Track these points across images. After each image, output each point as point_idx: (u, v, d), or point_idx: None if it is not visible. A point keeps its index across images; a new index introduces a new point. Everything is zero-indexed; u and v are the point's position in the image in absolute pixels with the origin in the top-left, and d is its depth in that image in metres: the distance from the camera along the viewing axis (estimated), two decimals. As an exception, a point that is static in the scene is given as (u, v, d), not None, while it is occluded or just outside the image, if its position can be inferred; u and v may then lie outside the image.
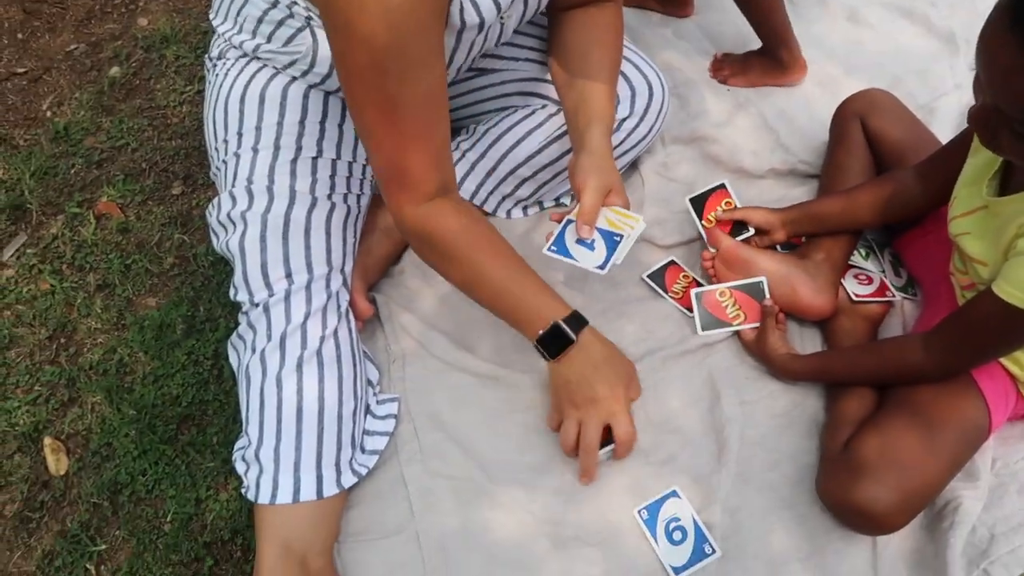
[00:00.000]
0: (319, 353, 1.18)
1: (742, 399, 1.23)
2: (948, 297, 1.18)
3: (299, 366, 1.16)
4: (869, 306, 1.28)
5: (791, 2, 1.78)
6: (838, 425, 1.13)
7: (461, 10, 1.08)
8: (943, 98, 1.57)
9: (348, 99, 1.05)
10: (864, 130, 1.34)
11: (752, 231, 1.32)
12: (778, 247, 1.36)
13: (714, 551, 1.11)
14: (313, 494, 1.13)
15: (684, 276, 1.38)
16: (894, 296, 1.29)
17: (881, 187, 1.24)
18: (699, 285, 1.36)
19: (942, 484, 1.05)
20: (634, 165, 1.52)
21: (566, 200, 1.50)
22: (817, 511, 1.12)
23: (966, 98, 1.57)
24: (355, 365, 1.22)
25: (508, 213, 1.49)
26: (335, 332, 1.20)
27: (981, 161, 1.04)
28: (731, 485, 1.15)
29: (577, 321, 1.14)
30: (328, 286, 1.22)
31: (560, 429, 1.17)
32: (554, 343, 1.13)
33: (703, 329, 1.29)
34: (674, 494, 1.16)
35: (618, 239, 1.18)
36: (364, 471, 1.20)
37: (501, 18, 1.16)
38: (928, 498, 1.04)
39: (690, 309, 1.33)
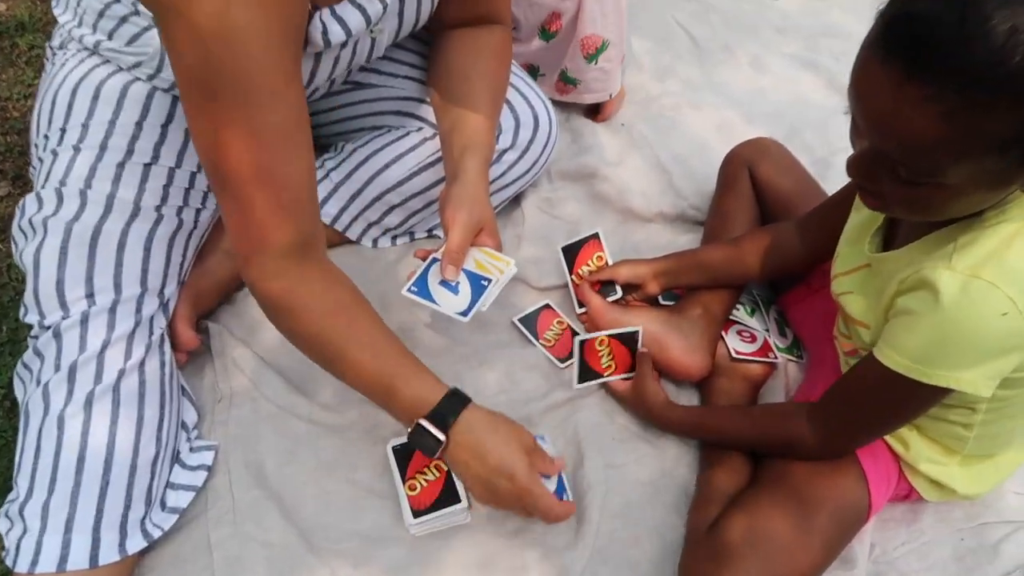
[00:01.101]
0: (116, 389, 0.99)
1: (608, 462, 1.10)
2: (833, 362, 1.09)
3: (88, 403, 0.98)
4: (750, 366, 1.17)
5: (696, 45, 1.73)
6: (706, 501, 1.01)
7: (324, 31, 0.95)
8: (840, 154, 1.50)
9: (191, 131, 0.89)
10: (752, 179, 1.26)
11: (619, 292, 1.21)
12: (660, 299, 1.25)
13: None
14: (85, 561, 0.94)
15: (559, 322, 1.26)
16: (776, 357, 1.19)
17: (764, 238, 1.15)
18: (574, 333, 1.23)
19: (815, 573, 0.93)
20: (516, 199, 1.40)
21: (439, 233, 1.36)
22: (679, 597, 0.99)
23: (864, 154, 1.51)
24: (164, 405, 1.04)
25: (375, 242, 1.34)
26: (141, 364, 1.02)
27: (864, 217, 0.95)
28: (587, 563, 1.01)
29: (444, 413, 0.94)
30: (139, 310, 1.04)
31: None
32: (424, 446, 0.94)
33: (580, 381, 1.16)
34: (541, 439, 1.03)
35: (485, 283, 1.05)
36: (158, 533, 1.01)
37: (371, 32, 1.04)
38: (799, 588, 0.92)
39: (561, 358, 1.21)
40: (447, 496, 1.04)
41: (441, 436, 0.93)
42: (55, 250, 1.02)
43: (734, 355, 1.16)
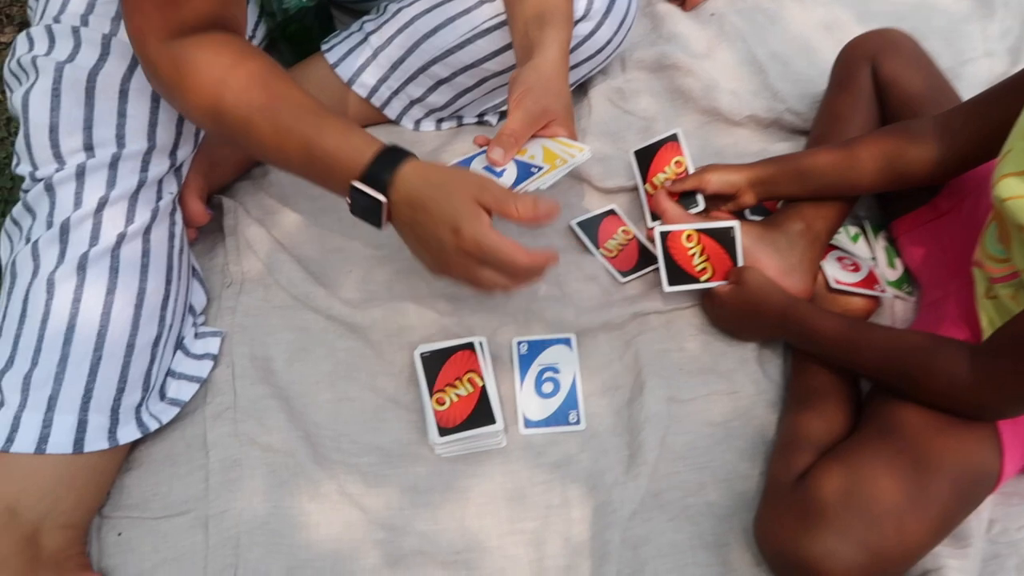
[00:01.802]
0: (114, 255, 0.86)
1: (672, 395, 0.93)
2: (958, 301, 0.90)
3: (82, 267, 0.84)
4: (850, 300, 0.98)
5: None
6: (793, 447, 0.84)
7: None
8: (970, 64, 1.27)
9: None
10: (875, 77, 1.05)
11: (701, 204, 1.01)
12: (747, 213, 1.06)
13: (579, 421, 0.91)
14: (68, 445, 0.81)
15: (624, 231, 1.08)
16: (883, 291, 1.00)
17: (887, 139, 0.93)
18: (642, 246, 1.06)
19: (926, 548, 0.76)
20: (582, 87, 1.20)
21: (491, 119, 1.18)
22: (749, 559, 0.83)
23: (998, 68, 1.28)
24: (171, 281, 0.90)
25: (416, 124, 1.17)
26: (146, 232, 0.88)
27: None
28: (638, 506, 0.86)
29: (384, 164, 0.78)
30: (144, 168, 0.89)
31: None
32: (365, 210, 0.80)
33: (671, 284, 0.96)
34: (566, 343, 0.95)
35: (535, 171, 0.86)
36: (155, 425, 0.88)
37: None
38: (905, 565, 0.75)
39: (623, 271, 1.03)
40: (480, 415, 0.89)
41: (379, 196, 0.77)
42: (46, 92, 0.87)
43: (833, 284, 0.97)
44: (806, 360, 0.92)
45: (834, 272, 0.99)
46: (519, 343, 0.96)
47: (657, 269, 0.98)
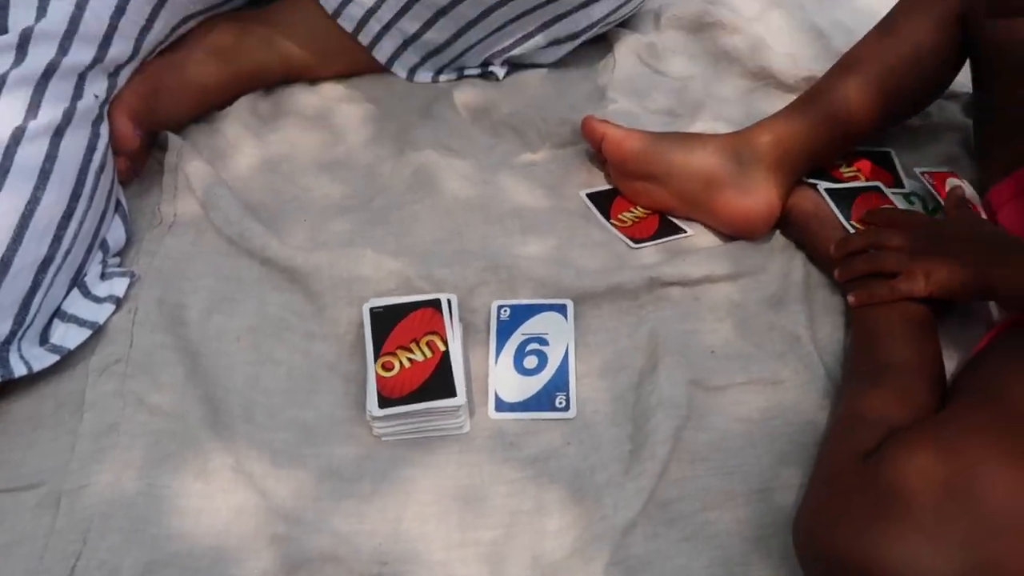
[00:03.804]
0: (7, 152, 0.69)
1: (696, 379, 0.70)
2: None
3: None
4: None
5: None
6: (852, 426, 0.60)
7: None
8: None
9: None
10: (971, 33, 0.82)
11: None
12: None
13: (567, 406, 0.69)
14: None
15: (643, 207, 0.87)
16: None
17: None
18: (664, 219, 0.85)
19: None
20: (605, 39, 1.02)
21: (498, 72, 1.00)
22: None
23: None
24: (78, 197, 0.74)
25: (411, 72, 1.00)
26: (55, 133, 0.73)
27: None
28: (639, 516, 0.61)
29: None
30: (62, 51, 0.75)
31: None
32: None
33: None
34: (560, 309, 0.74)
35: None
36: (22, 370, 0.68)
37: None
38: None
39: (636, 239, 0.83)
40: (437, 385, 0.68)
41: None
42: None
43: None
44: (878, 333, 0.68)
45: None
46: (500, 307, 0.75)
47: (679, 239, 0.79)
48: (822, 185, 0.84)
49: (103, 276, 0.77)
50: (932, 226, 0.78)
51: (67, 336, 0.73)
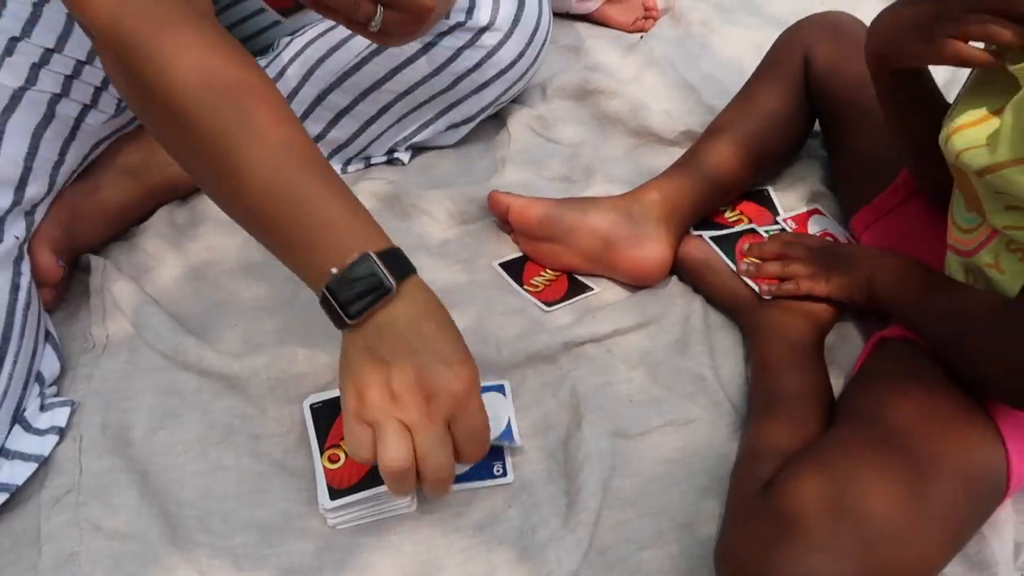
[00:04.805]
0: None
1: (617, 429, 0.77)
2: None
3: None
4: (814, 304, 0.84)
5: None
6: (751, 459, 0.68)
7: None
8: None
9: None
10: (810, 69, 0.95)
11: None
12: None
13: (504, 472, 0.75)
14: None
15: (551, 269, 0.94)
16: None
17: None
18: (572, 279, 0.93)
19: (936, 567, 0.59)
20: (499, 116, 1.10)
21: (403, 156, 1.06)
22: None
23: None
24: (8, 339, 0.76)
25: (320, 168, 1.05)
26: None
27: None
28: (580, 566, 0.68)
29: (397, 262, 0.62)
30: None
31: (366, 443, 0.61)
32: (356, 294, 0.60)
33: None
34: (499, 389, 0.79)
35: None
36: None
37: None
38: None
39: (548, 302, 0.90)
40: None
41: (390, 281, 0.60)
42: None
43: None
44: (769, 366, 0.77)
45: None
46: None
47: (587, 296, 0.89)
48: (707, 235, 0.93)
49: (43, 408, 0.79)
50: (826, 244, 0.88)
51: (14, 473, 0.74)
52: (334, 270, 0.60)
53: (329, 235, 0.62)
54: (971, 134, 0.64)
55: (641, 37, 1.26)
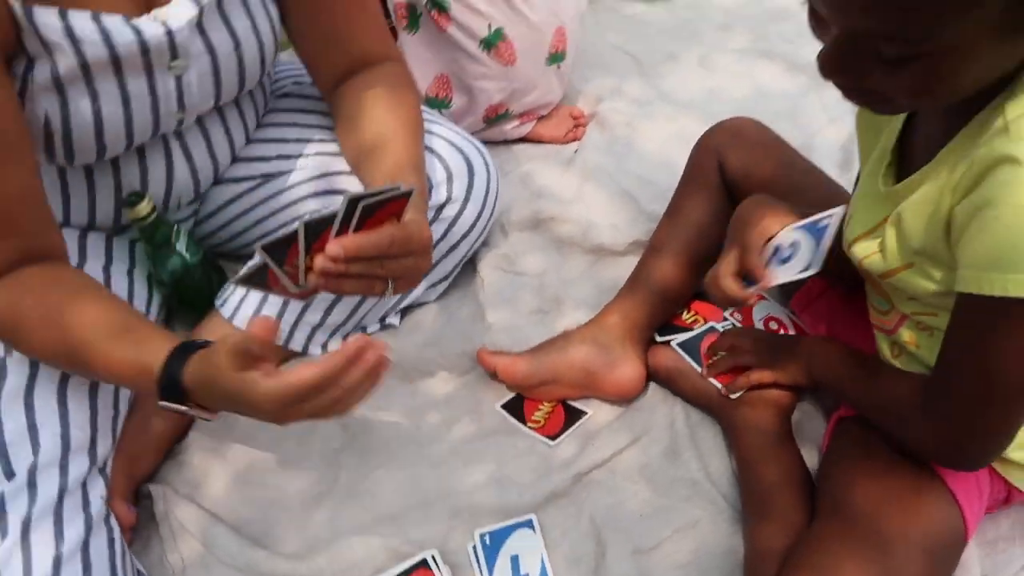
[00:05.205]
0: None
1: (635, 547, 0.90)
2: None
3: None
4: (771, 392, 0.98)
5: (636, 60, 1.60)
6: (755, 564, 0.82)
7: (68, 31, 0.83)
8: (819, 135, 1.35)
9: None
10: (725, 173, 1.09)
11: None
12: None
13: None
14: None
15: (548, 402, 1.07)
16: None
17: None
18: (567, 407, 1.06)
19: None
20: (471, 262, 1.24)
21: (393, 321, 1.19)
22: None
23: (845, 131, 1.35)
24: None
25: (323, 347, 1.18)
26: (84, 547, 0.85)
27: (871, 163, 0.80)
28: None
29: (175, 369, 0.78)
30: (64, 473, 0.88)
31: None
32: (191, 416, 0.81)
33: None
34: (528, 525, 0.92)
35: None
36: None
37: (171, 67, 0.91)
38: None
39: (551, 436, 1.03)
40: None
41: (182, 408, 0.79)
42: None
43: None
44: (750, 461, 0.91)
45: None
46: (482, 535, 0.93)
47: (583, 422, 1.01)
48: (674, 342, 1.06)
49: (145, 640, 0.92)
50: (769, 336, 1.02)
51: None
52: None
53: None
54: (866, 244, 0.78)
55: (576, 151, 1.40)
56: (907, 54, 0.58)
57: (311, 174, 1.12)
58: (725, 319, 1.09)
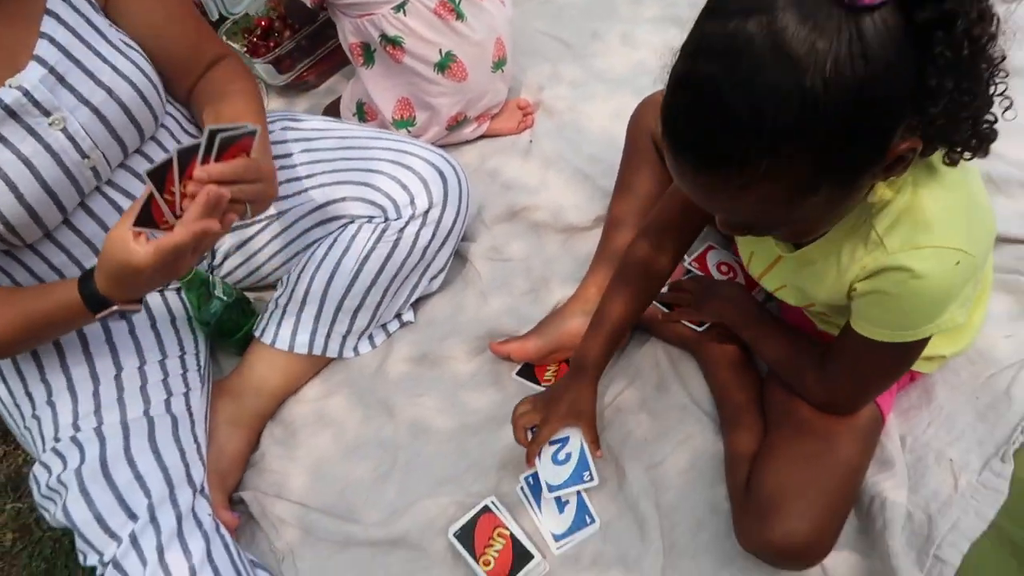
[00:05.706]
0: None
1: (647, 464, 1.16)
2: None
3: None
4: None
5: (565, 44, 1.79)
6: (733, 465, 1.07)
7: None
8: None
9: None
10: (658, 147, 1.26)
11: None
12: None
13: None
14: None
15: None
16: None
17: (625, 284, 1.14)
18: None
19: (853, 492, 1.00)
20: (460, 256, 1.45)
21: (409, 316, 1.40)
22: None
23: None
24: None
25: (355, 351, 1.39)
26: (208, 556, 1.06)
27: None
28: (664, 562, 1.07)
29: (87, 281, 1.00)
30: (175, 505, 1.08)
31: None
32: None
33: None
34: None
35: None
36: None
37: (51, 121, 1.02)
38: (845, 511, 0.98)
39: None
40: (520, 558, 1.10)
41: (112, 309, 1.00)
42: (77, 497, 1.05)
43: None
44: (721, 387, 1.17)
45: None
46: (526, 478, 1.17)
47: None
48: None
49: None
50: (709, 283, 1.25)
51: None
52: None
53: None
54: (771, 279, 1.00)
55: (531, 141, 1.61)
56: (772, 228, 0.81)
57: (314, 206, 1.31)
58: (687, 270, 1.32)
